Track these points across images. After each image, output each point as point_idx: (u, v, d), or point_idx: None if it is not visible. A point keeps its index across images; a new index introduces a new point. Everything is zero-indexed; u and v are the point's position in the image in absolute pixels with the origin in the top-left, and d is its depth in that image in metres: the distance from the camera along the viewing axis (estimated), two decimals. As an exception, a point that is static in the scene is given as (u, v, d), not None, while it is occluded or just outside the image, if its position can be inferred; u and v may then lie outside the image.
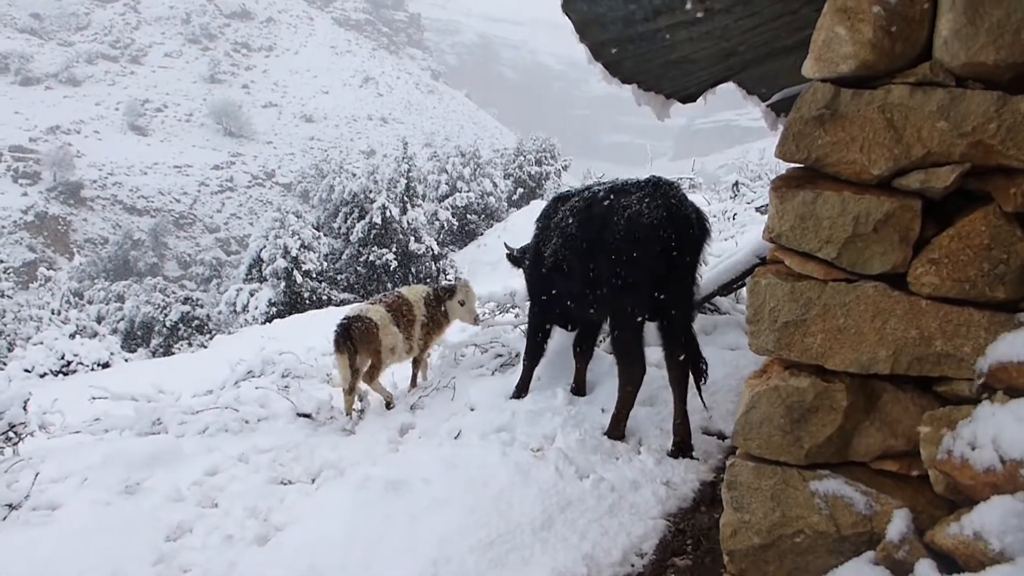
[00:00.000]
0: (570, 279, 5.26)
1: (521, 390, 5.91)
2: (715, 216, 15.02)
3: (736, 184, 18.83)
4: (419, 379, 7.18)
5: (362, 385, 6.49)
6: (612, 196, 4.92)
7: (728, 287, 6.95)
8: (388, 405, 6.53)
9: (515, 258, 6.44)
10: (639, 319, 4.86)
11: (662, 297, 4.74)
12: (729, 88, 5.19)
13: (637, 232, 4.64)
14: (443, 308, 7.00)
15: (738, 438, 2.96)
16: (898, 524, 2.64)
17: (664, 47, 3.83)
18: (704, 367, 4.89)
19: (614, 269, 4.78)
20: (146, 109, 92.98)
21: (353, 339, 6.21)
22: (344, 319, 6.36)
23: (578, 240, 5.10)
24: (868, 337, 2.71)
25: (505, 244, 6.82)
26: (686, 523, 4.18)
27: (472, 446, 4.98)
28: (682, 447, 4.86)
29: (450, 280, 6.96)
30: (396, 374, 6.99)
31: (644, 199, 4.70)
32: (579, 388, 5.87)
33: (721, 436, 5.13)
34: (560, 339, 6.17)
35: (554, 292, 5.51)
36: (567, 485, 4.39)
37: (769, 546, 2.93)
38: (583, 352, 5.88)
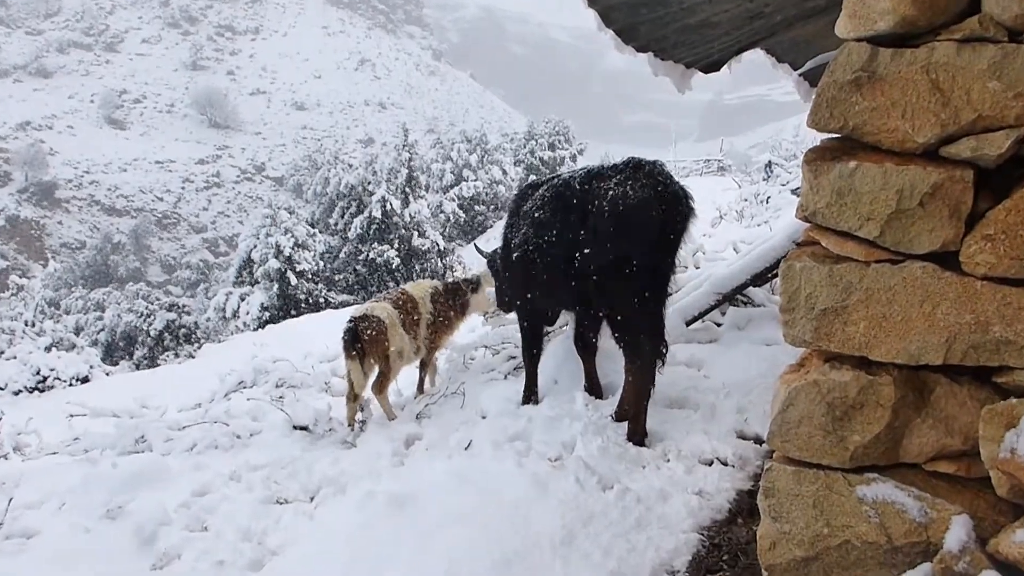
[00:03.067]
0: (547, 271, 5.39)
1: (529, 395, 5.97)
2: (746, 200, 15.00)
3: (769, 165, 18.77)
4: (426, 384, 7.20)
5: (364, 393, 6.51)
6: (590, 181, 5.09)
7: (761, 276, 6.92)
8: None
9: (495, 260, 6.57)
10: (639, 301, 4.96)
11: (654, 277, 4.90)
12: (757, 57, 5.15)
13: (626, 212, 4.76)
14: (455, 304, 7.03)
15: (774, 440, 2.93)
16: (957, 532, 2.60)
17: (681, 9, 3.80)
18: (665, 350, 5.09)
19: (605, 255, 4.89)
20: (123, 101, 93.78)
21: (362, 341, 6.23)
22: (351, 320, 6.40)
23: (554, 228, 5.23)
24: (917, 324, 2.67)
25: (476, 246, 6.93)
26: (721, 536, 4.14)
27: (484, 457, 4.99)
28: (635, 435, 5.05)
29: (457, 277, 6.98)
30: (399, 380, 6.99)
31: (627, 181, 4.85)
32: (593, 389, 5.92)
33: (758, 440, 5.09)
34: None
35: (530, 285, 5.65)
36: (589, 497, 4.37)
37: (812, 559, 2.89)
38: (585, 348, 5.95)
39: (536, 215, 5.45)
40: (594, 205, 4.95)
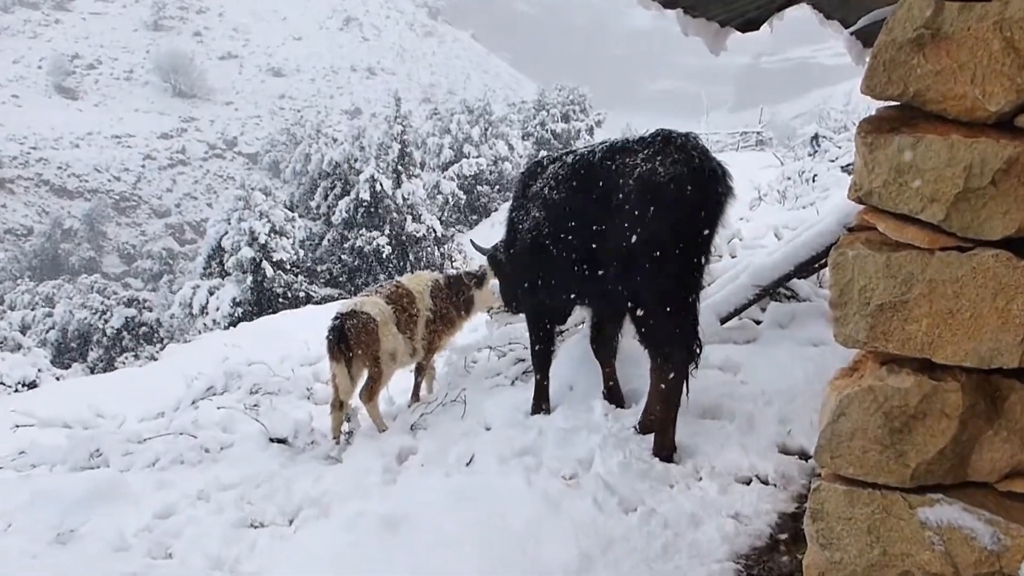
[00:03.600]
0: (561, 260, 5.40)
1: (540, 403, 5.99)
2: (789, 178, 14.97)
3: (816, 138, 18.75)
4: (422, 391, 7.21)
5: (352, 401, 6.52)
6: (613, 156, 5.09)
7: (807, 266, 6.90)
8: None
9: (498, 256, 6.57)
10: (668, 295, 4.97)
11: (686, 266, 4.90)
12: (802, 14, 5.12)
13: (655, 192, 4.76)
14: (458, 300, 7.04)
15: (823, 455, 2.92)
16: (1034, 561, 2.59)
17: (717, -41, 3.77)
18: (699, 350, 5.07)
19: (629, 241, 4.88)
20: (76, 66, 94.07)
21: (349, 341, 6.24)
22: (337, 316, 6.41)
23: (570, 211, 5.26)
24: (988, 321, 2.65)
25: (472, 242, 6.95)
26: (761, 566, 4.13)
27: (489, 473, 5.00)
28: (662, 449, 5.06)
29: (460, 269, 7.00)
30: (392, 386, 7.00)
31: (655, 156, 4.85)
32: (613, 396, 5.94)
33: (803, 455, 5.09)
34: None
35: (541, 277, 5.67)
36: (608, 520, 4.38)
37: (866, 592, 2.89)
38: (605, 350, 5.96)
39: (548, 196, 5.46)
40: (618, 184, 4.95)
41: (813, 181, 13.68)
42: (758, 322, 6.97)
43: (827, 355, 5.85)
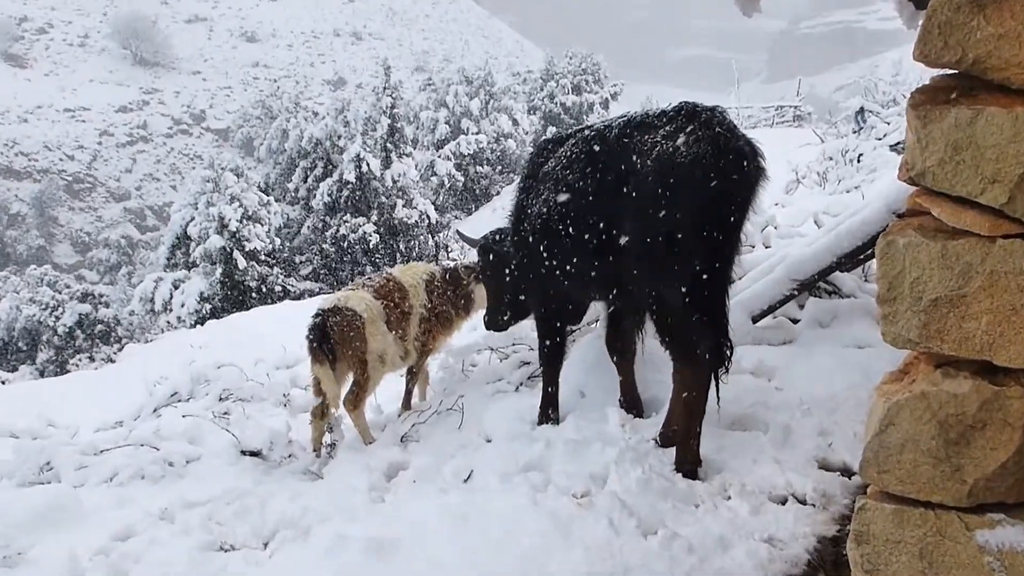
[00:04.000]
0: (575, 250, 5.41)
1: (548, 412, 6.00)
2: (831, 158, 14.96)
3: (861, 112, 18.69)
4: (414, 398, 7.22)
5: (335, 409, 6.53)
6: (630, 132, 5.08)
7: (851, 257, 6.88)
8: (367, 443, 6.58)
9: (492, 247, 6.57)
10: (693, 290, 4.96)
11: (713, 258, 4.91)
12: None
13: (676, 173, 4.74)
14: (456, 295, 7.04)
15: (870, 470, 2.91)
16: (1107, 590, 2.58)
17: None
18: (729, 352, 5.05)
19: (648, 228, 4.88)
20: (24, 31, 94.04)
21: (333, 342, 6.25)
22: (318, 313, 6.42)
23: (583, 194, 5.27)
24: (1057, 319, 2.65)
25: (459, 232, 6.95)
26: (798, 596, 4.14)
27: (489, 491, 5.01)
28: (685, 464, 5.06)
29: (454, 260, 6.96)
30: (380, 392, 7.00)
31: (677, 132, 4.83)
32: (631, 403, 5.96)
33: (846, 471, 5.08)
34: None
35: (553, 269, 5.65)
36: (625, 544, 4.37)
37: (917, 625, 2.89)
38: (622, 351, 5.98)
39: (561, 177, 5.46)
40: (634, 164, 4.95)
41: (858, 161, 13.66)
42: (795, 321, 6.96)
43: (873, 358, 5.82)
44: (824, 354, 6.15)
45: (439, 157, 35.54)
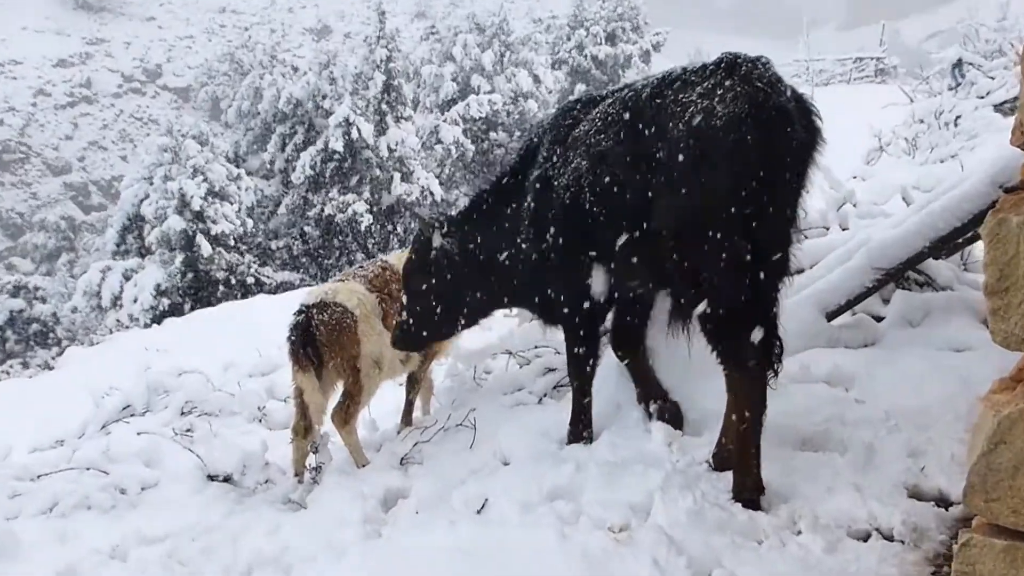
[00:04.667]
0: (609, 227, 5.46)
1: (579, 428, 6.01)
2: (922, 121, 14.87)
3: (958, 65, 18.58)
4: (416, 411, 7.23)
5: (321, 425, 6.58)
6: (664, 92, 5.12)
7: (949, 241, 6.85)
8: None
9: (462, 234, 6.53)
10: (736, 278, 4.98)
11: (758, 239, 4.91)
12: None
13: (709, 138, 4.77)
14: None
15: (975, 498, 2.91)
16: None
17: None
18: (780, 350, 5.08)
19: (681, 204, 4.93)
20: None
21: (319, 344, 6.27)
22: (301, 309, 6.46)
23: (614, 166, 5.33)
24: None
25: (418, 215, 6.97)
26: (883, 650, 4.14)
27: (508, 525, 5.01)
28: (744, 491, 5.05)
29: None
30: (375, 404, 7.02)
31: (715, 89, 4.85)
32: (661, 410, 6.00)
33: (943, 500, 5.06)
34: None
35: (587, 250, 5.70)
36: (673, 588, 4.36)
37: None
38: (631, 348, 6.15)
39: (595, 143, 5.51)
40: (666, 128, 4.99)
41: (955, 125, 13.58)
42: (879, 319, 6.95)
43: (976, 363, 5.76)
44: (914, 358, 6.11)
45: (444, 121, 35.51)
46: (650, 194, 5.13)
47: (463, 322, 6.67)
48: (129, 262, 26.43)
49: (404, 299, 6.57)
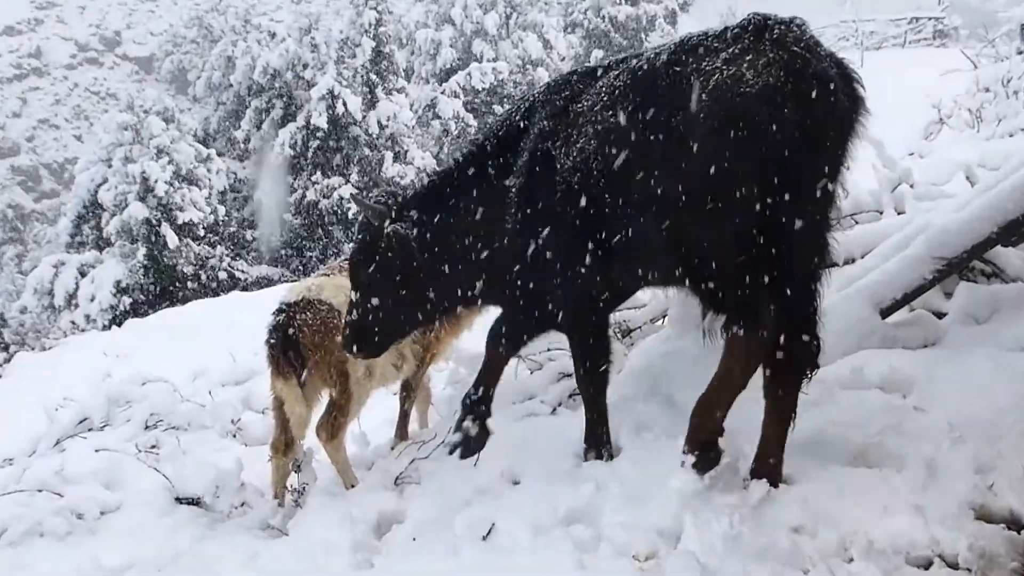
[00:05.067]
0: (624, 214, 5.46)
1: (597, 442, 6.01)
2: (987, 90, 14.83)
3: (1028, 26, 18.52)
4: (413, 423, 7.25)
5: (304, 439, 6.59)
6: (683, 58, 5.11)
7: (1020, 226, 6.83)
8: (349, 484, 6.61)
9: (423, 219, 6.45)
10: (759, 271, 5.01)
11: (779, 226, 4.91)
12: None
13: (738, 110, 4.76)
14: None
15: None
16: None
17: None
18: (817, 348, 5.14)
19: (700, 186, 4.93)
20: None
21: (301, 347, 6.26)
22: (281, 308, 6.49)
23: (628, 140, 5.29)
24: None
25: (354, 197, 6.91)
26: None
27: (518, 552, 5.01)
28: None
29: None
30: (366, 415, 7.01)
31: (743, 55, 4.85)
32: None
33: (1013, 523, 5.05)
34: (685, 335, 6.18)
35: (597, 239, 5.70)
36: (708, 625, 4.37)
37: None
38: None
39: (603, 119, 5.49)
40: (687, 98, 4.95)
41: (1024, 95, 13.58)
42: (940, 315, 6.93)
43: (1049, 368, 5.78)
44: (981, 360, 6.09)
45: (443, 93, 35.51)
46: (666, 174, 5.11)
47: (421, 321, 6.56)
48: (85, 256, 26.45)
49: (352, 294, 6.45)
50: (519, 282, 6.21)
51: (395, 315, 6.36)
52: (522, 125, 6.16)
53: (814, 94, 4.76)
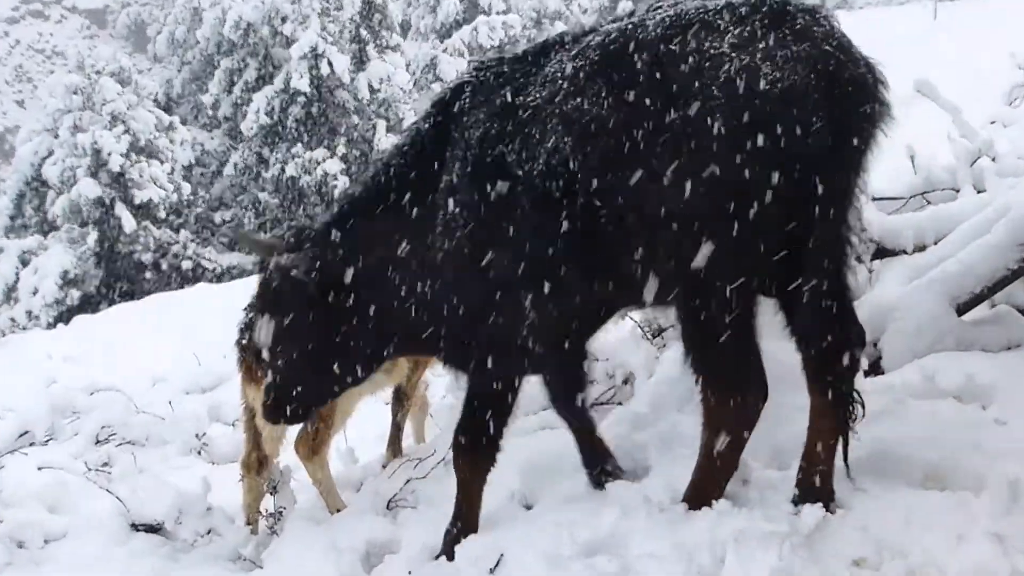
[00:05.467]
0: (607, 225, 5.30)
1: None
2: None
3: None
4: (407, 437, 7.25)
5: (280, 456, 6.53)
6: (681, 34, 4.94)
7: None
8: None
9: (329, 260, 6.22)
10: (749, 288, 5.04)
11: (798, 236, 4.92)
12: None
13: (757, 112, 4.68)
14: None
15: None
16: None
17: None
18: (858, 335, 5.27)
19: (709, 196, 4.84)
20: None
21: None
22: (253, 303, 6.46)
23: (612, 135, 5.11)
24: None
25: (245, 236, 6.85)
26: None
27: (531, 587, 4.96)
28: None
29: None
30: (352, 427, 6.96)
31: (755, 43, 4.73)
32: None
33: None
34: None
35: (574, 261, 5.51)
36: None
37: None
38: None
39: (574, 110, 5.28)
40: (688, 91, 4.83)
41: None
42: (1030, 314, 6.86)
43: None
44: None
45: (444, 52, 35.59)
46: (656, 177, 4.98)
47: (342, 381, 6.25)
48: (27, 241, 26.54)
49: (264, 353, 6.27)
50: (457, 325, 5.98)
51: (317, 371, 6.12)
52: (440, 135, 5.95)
53: (847, 100, 4.74)
